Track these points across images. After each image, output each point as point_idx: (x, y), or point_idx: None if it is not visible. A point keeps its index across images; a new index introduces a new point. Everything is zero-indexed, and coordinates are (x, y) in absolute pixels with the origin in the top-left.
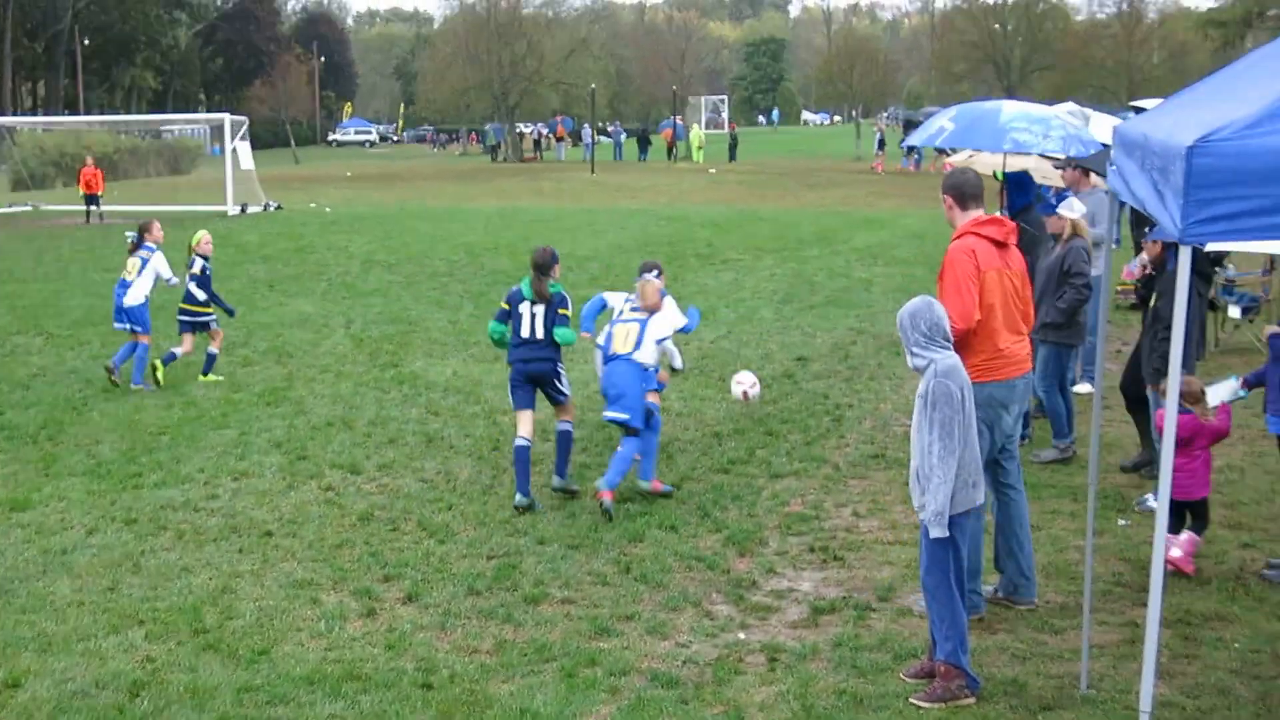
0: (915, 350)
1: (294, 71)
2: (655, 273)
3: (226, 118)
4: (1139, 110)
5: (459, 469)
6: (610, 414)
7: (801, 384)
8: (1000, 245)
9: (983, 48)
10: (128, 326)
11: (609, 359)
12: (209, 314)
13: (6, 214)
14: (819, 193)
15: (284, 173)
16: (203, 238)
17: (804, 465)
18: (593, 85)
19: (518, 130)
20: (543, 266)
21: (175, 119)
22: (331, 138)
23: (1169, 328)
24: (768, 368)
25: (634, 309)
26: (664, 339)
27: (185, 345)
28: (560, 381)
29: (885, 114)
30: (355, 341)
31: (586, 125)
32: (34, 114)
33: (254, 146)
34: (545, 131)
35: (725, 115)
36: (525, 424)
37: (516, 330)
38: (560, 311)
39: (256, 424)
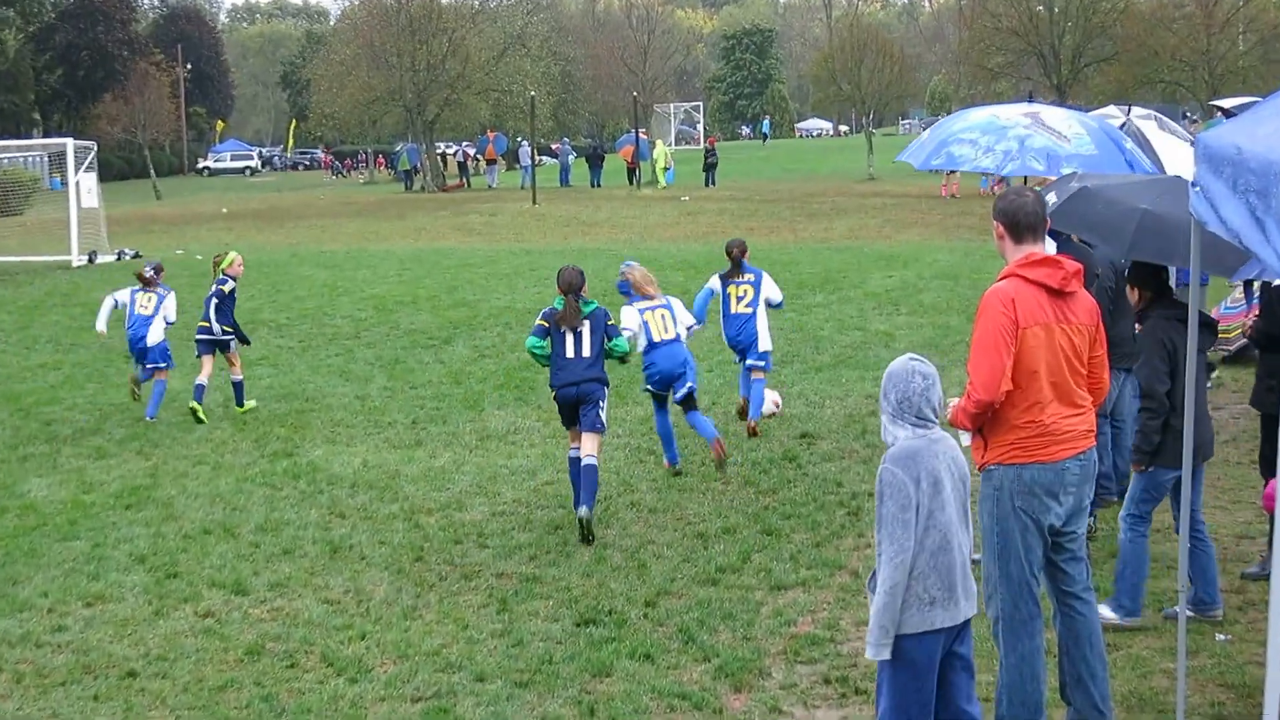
0: (884, 421)
1: (153, 82)
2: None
3: (69, 143)
4: (1226, 114)
5: (372, 586)
6: (682, 390)
7: (807, 468)
8: (1056, 293)
9: (1024, 35)
10: (159, 365)
11: (656, 346)
12: (229, 335)
13: None
14: (822, 223)
15: (143, 211)
16: (235, 259)
17: (813, 573)
18: (531, 92)
19: (438, 151)
20: (573, 287)
21: (3, 145)
22: (202, 164)
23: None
24: (763, 447)
25: (649, 300)
26: (691, 327)
27: (206, 368)
28: (603, 406)
29: (905, 120)
30: (237, 424)
31: (525, 143)
32: None
33: (104, 177)
34: (473, 152)
35: (700, 127)
36: (576, 438)
37: (559, 351)
38: (610, 323)
39: (113, 533)
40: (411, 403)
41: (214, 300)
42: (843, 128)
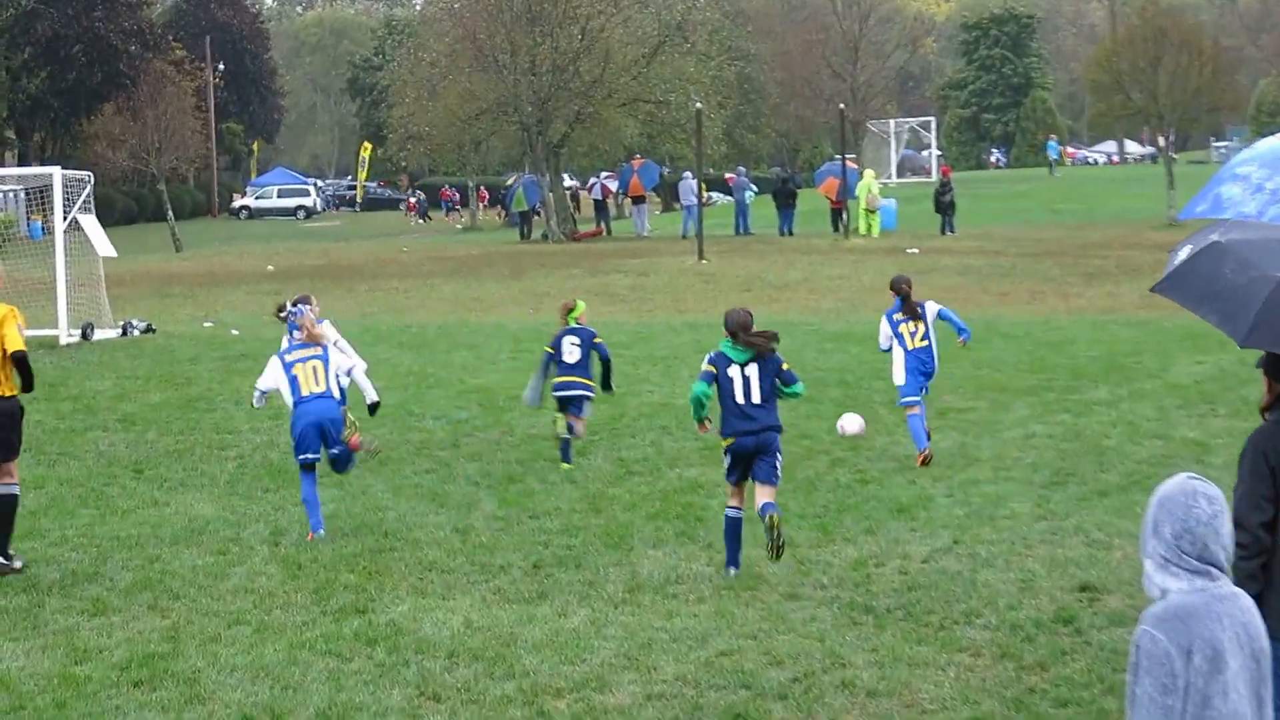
0: (1148, 568)
1: (172, 89)
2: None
3: (55, 173)
4: None
5: None
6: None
7: (1089, 633)
8: None
9: None
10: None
11: (304, 400)
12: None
13: None
14: (1104, 286)
15: (158, 267)
16: (584, 309)
17: None
18: (697, 103)
19: (566, 186)
20: (744, 328)
21: None
22: (239, 203)
23: None
24: (1027, 605)
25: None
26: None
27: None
28: (780, 456)
29: (1221, 143)
30: (288, 568)
31: (687, 174)
32: None
33: (104, 220)
34: (614, 187)
35: (932, 151)
36: (739, 496)
37: (728, 397)
38: (785, 367)
39: None
40: (532, 538)
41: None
42: (1136, 150)
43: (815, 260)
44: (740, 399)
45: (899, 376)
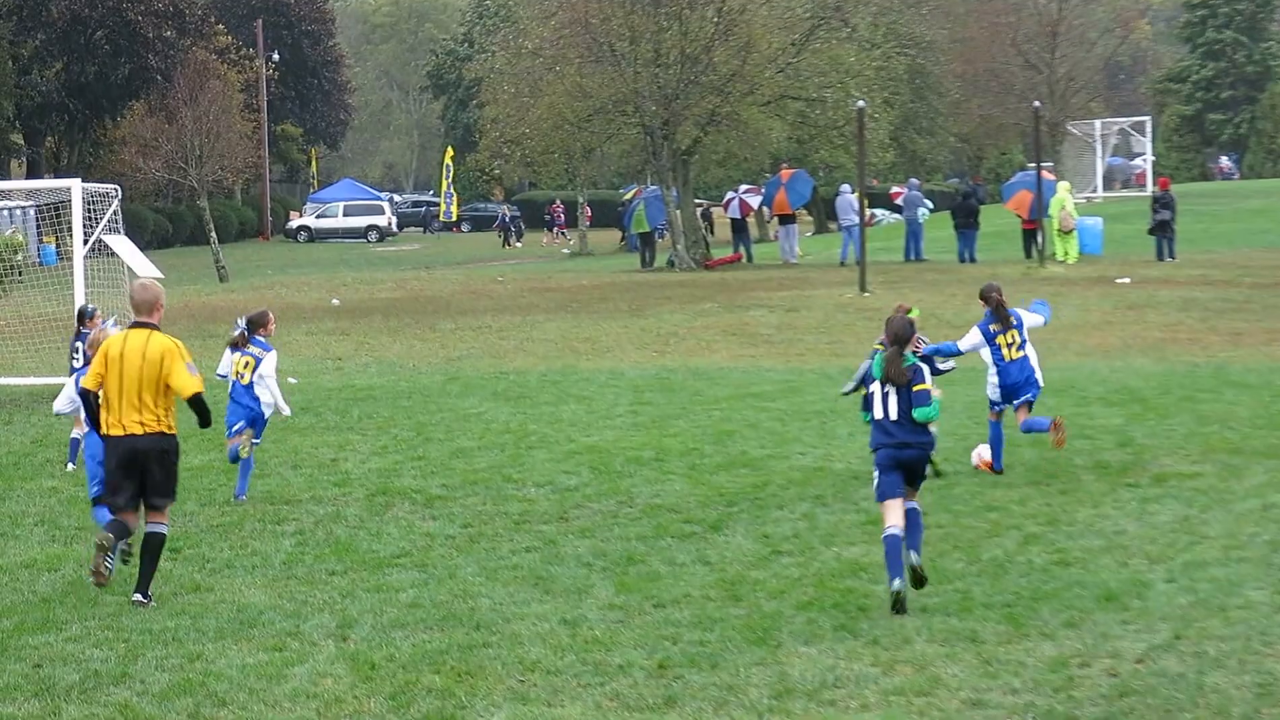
0: None
1: (216, 84)
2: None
3: (75, 186)
4: None
5: None
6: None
7: None
8: None
9: None
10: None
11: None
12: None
13: None
14: None
15: (198, 301)
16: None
17: None
18: (859, 100)
19: (698, 204)
20: (901, 339)
21: None
22: (296, 223)
23: None
24: (1265, 715)
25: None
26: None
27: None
28: (926, 469)
29: None
30: (359, 668)
31: (846, 188)
32: None
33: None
34: (756, 203)
35: (1147, 158)
36: (894, 513)
37: (871, 408)
38: (917, 389)
39: None
40: (656, 632)
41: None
42: None
43: (1009, 289)
44: (880, 414)
45: (995, 393)
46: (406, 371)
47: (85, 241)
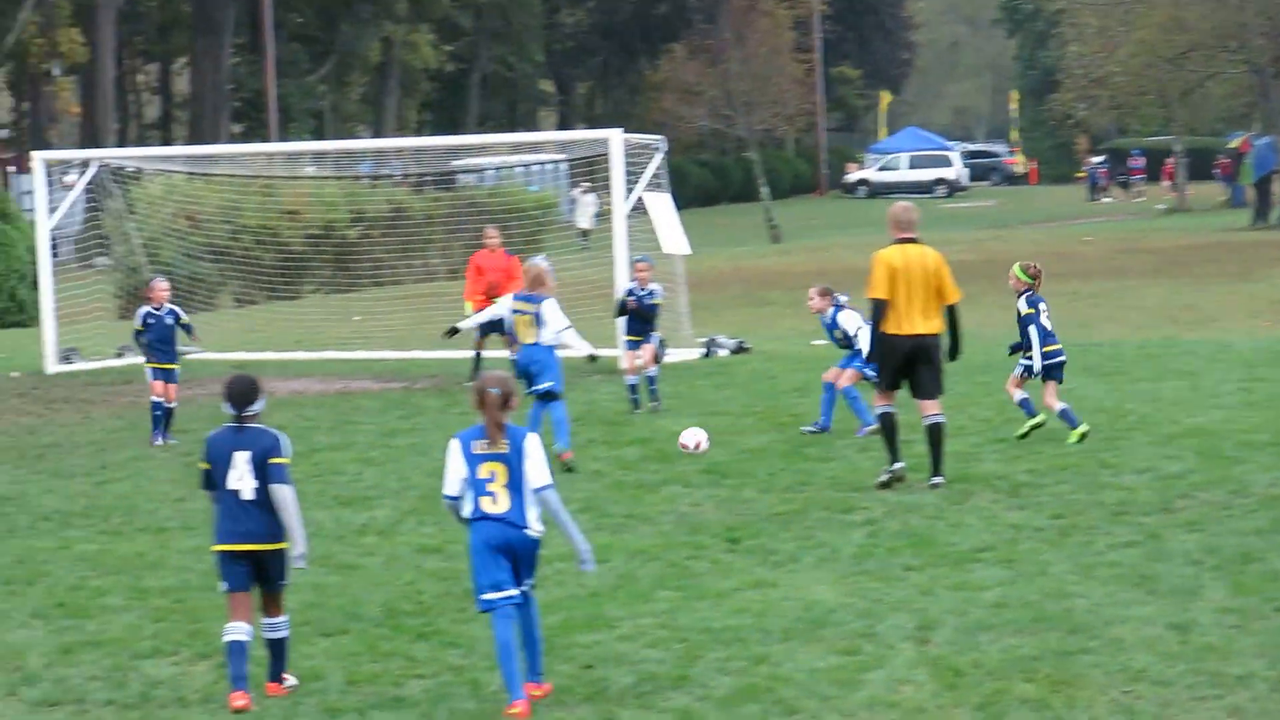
0: None
1: (765, 25)
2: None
3: (614, 136)
4: None
5: None
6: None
7: None
8: None
9: None
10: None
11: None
12: None
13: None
14: None
15: (750, 264)
16: None
17: None
18: None
19: None
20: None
21: (481, 145)
22: (855, 176)
23: None
24: None
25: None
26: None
27: None
28: None
29: None
30: (943, 674)
31: None
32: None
33: (674, 201)
34: None
35: None
36: None
37: None
38: None
39: None
40: None
41: None
42: None
43: None
44: None
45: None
46: (995, 339)
47: (628, 194)
